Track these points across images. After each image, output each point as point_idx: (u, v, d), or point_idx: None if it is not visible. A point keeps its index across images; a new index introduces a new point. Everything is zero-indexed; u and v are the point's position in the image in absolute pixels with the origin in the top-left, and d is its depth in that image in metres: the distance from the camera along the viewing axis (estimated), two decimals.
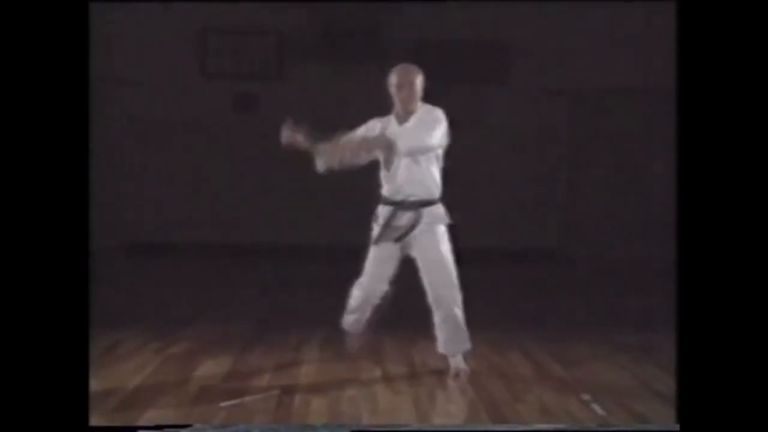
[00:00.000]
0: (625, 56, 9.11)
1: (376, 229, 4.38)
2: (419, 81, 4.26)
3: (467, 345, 4.39)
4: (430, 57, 9.24)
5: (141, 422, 3.55)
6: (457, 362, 4.38)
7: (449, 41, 9.08)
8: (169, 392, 4.00)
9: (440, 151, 4.30)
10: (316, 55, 9.10)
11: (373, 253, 4.40)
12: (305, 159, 4.29)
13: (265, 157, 9.28)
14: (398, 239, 4.31)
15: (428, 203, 4.30)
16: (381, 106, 4.37)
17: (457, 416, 3.84)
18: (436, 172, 4.31)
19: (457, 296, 4.30)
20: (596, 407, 3.82)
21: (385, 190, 4.36)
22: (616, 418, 3.70)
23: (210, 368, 4.44)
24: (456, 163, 4.32)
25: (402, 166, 4.27)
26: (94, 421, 3.47)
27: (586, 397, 3.98)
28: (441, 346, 4.41)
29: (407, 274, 4.41)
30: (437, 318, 4.35)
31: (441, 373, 4.37)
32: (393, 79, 4.26)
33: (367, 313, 4.55)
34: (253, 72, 9.30)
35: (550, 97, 9.42)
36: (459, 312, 4.32)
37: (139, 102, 9.17)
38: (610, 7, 8.86)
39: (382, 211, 4.38)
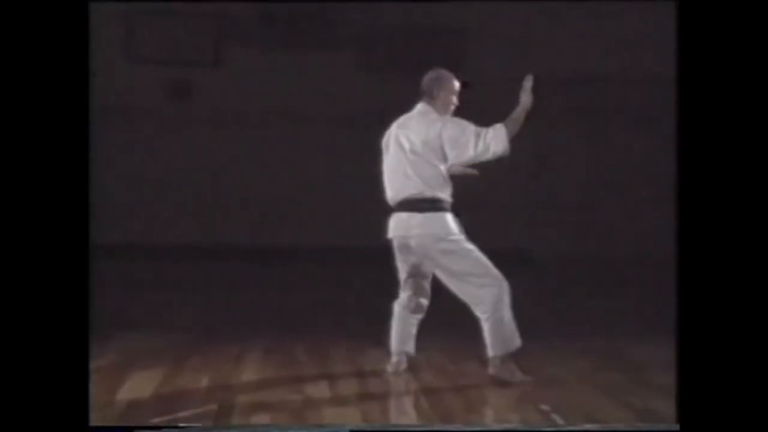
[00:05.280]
0: (606, 43, 9.19)
1: None
2: None
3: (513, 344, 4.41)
4: (380, 44, 9.33)
5: None
6: (511, 374, 4.38)
7: (401, 27, 9.08)
8: (94, 409, 3.93)
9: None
10: (256, 40, 9.03)
11: None
12: (248, 152, 4.26)
13: (202, 148, 9.27)
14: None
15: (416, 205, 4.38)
16: (326, 95, 4.36)
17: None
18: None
19: (489, 296, 4.35)
20: (556, 417, 3.85)
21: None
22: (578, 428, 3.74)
23: (140, 382, 4.38)
24: None
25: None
26: None
27: (545, 407, 4.01)
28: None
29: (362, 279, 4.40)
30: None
31: (391, 383, 4.37)
32: (456, 85, 4.49)
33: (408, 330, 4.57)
34: (187, 58, 9.20)
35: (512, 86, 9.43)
36: (499, 311, 4.37)
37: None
38: None
39: None
